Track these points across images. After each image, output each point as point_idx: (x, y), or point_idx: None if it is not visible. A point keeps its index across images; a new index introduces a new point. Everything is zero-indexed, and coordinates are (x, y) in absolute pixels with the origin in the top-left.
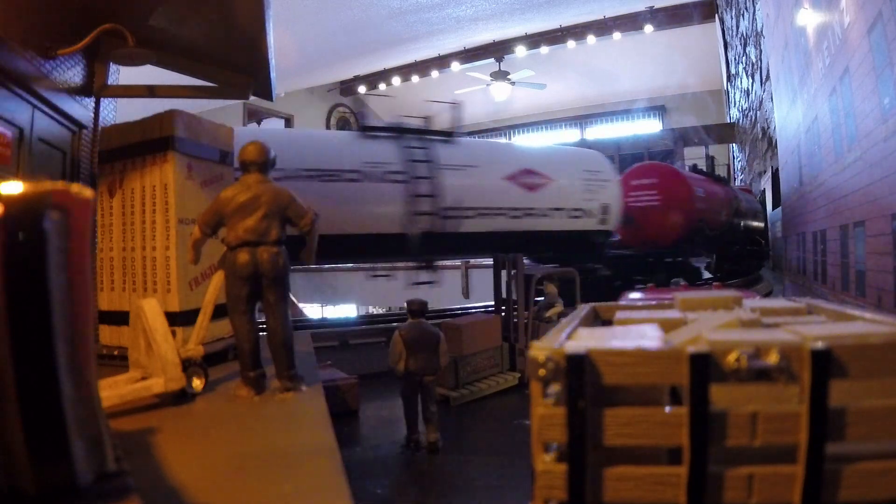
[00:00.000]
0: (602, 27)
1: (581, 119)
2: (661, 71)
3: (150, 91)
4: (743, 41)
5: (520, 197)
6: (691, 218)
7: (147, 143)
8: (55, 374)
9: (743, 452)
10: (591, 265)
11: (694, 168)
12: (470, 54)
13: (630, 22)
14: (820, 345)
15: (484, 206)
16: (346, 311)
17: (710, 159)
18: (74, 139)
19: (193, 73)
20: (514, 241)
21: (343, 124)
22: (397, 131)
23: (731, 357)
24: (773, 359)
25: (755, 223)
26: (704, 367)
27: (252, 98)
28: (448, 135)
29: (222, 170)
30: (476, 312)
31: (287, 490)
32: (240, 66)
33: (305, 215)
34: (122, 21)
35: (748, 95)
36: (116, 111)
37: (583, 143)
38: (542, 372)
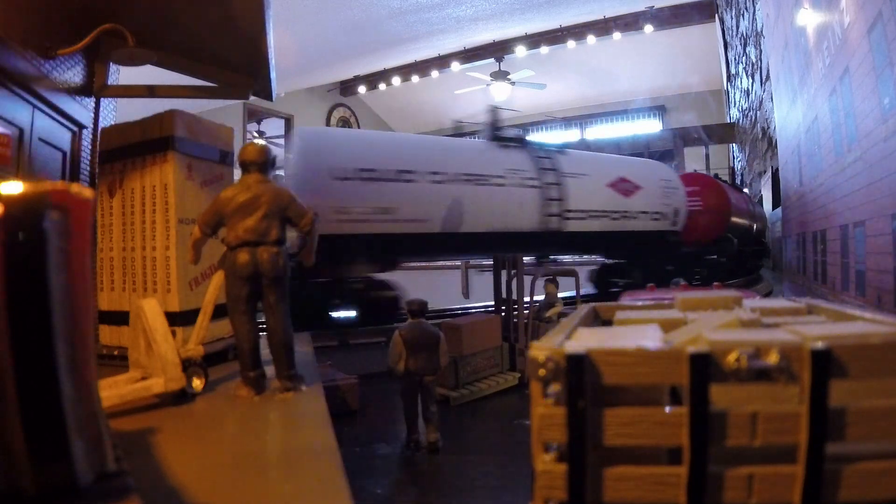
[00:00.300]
0: (602, 27)
1: (581, 119)
2: (661, 71)
3: (150, 91)
4: (743, 41)
5: (618, 201)
6: (727, 221)
7: (147, 143)
8: (55, 374)
9: (743, 452)
10: (653, 261)
11: (716, 177)
12: (470, 54)
13: (630, 22)
14: (820, 345)
15: (594, 209)
16: (345, 311)
17: (731, 170)
18: (74, 139)
19: (193, 73)
20: (612, 240)
21: (343, 125)
22: (523, 142)
23: (731, 357)
24: (773, 359)
25: (758, 225)
26: (704, 367)
27: (252, 98)
28: (560, 147)
29: (222, 170)
30: (476, 312)
31: (287, 490)
32: (240, 66)
33: (305, 215)
34: (122, 21)
35: (748, 95)
36: (116, 111)
37: (583, 143)
38: (542, 372)
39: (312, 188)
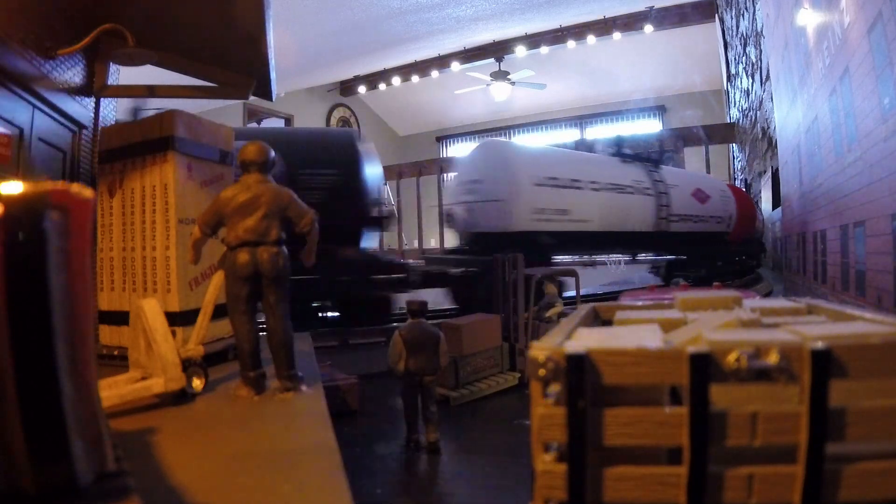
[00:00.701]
0: (602, 27)
1: (581, 119)
2: (661, 71)
3: (150, 91)
4: (743, 41)
5: (698, 207)
6: (754, 225)
7: (147, 143)
8: (55, 374)
9: (743, 452)
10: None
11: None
12: (470, 54)
13: (630, 22)
14: (820, 345)
15: (683, 214)
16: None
17: (745, 181)
18: (74, 139)
19: (193, 73)
20: (692, 240)
21: (343, 124)
22: (637, 158)
23: (731, 357)
24: (773, 359)
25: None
26: (704, 367)
27: (252, 98)
28: (658, 163)
29: (222, 170)
30: (476, 312)
31: (287, 490)
32: (240, 66)
33: (306, 215)
34: (122, 21)
35: (748, 95)
36: (116, 111)
37: (582, 143)
38: (542, 372)
39: (516, 192)
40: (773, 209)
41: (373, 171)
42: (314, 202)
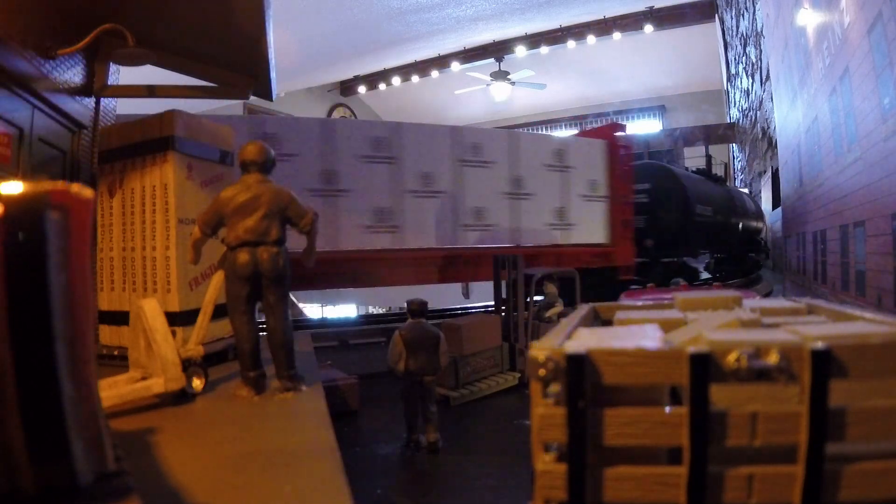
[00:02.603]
0: (602, 27)
1: (581, 119)
2: (661, 71)
3: (150, 91)
4: (743, 41)
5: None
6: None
7: (147, 143)
8: (55, 374)
9: (743, 452)
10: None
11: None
12: (470, 54)
13: (630, 22)
14: (820, 345)
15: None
16: (346, 311)
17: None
18: (74, 139)
19: (193, 73)
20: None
21: None
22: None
23: (731, 357)
24: (773, 359)
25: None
26: (704, 367)
27: (252, 98)
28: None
29: (222, 170)
30: (476, 312)
31: (287, 490)
32: (240, 66)
33: (305, 215)
34: (122, 21)
35: (748, 95)
36: (116, 111)
37: None
38: (542, 372)
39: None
40: (773, 209)
41: None
42: (755, 212)
